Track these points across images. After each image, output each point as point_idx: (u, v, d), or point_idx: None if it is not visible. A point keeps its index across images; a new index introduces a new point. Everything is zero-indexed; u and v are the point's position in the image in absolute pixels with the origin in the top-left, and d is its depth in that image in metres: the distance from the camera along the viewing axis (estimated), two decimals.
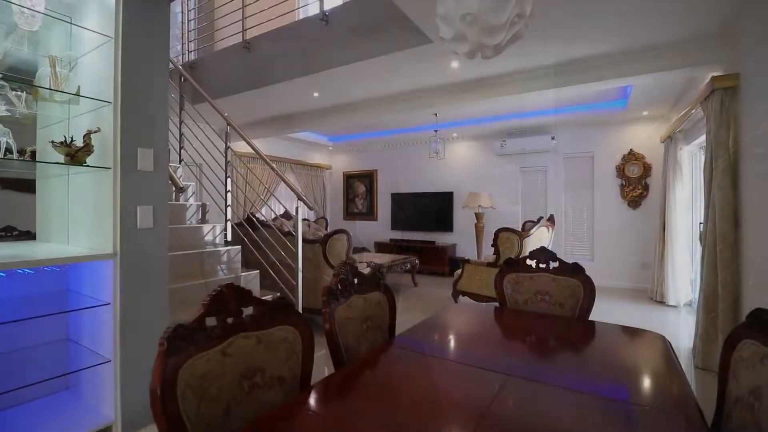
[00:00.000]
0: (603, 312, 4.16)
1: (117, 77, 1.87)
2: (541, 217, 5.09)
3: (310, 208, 3.16)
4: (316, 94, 4.55)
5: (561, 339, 1.56)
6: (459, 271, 4.52)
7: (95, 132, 1.86)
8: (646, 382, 1.19)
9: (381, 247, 7.27)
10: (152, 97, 2.02)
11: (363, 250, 7.33)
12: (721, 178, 2.65)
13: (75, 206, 2.13)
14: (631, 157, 5.54)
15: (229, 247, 3.20)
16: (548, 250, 2.05)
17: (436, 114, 5.23)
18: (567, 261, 1.98)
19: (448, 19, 1.46)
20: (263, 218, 3.95)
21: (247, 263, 3.39)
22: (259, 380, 1.01)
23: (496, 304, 2.10)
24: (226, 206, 3.46)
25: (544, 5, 2.54)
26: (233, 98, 4.58)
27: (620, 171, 5.62)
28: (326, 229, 6.49)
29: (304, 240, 3.22)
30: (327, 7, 3.65)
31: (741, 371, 1.01)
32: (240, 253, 3.24)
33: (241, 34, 4.33)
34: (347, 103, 4.97)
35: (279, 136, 6.49)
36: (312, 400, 1.04)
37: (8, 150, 1.82)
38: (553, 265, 2.00)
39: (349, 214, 8.29)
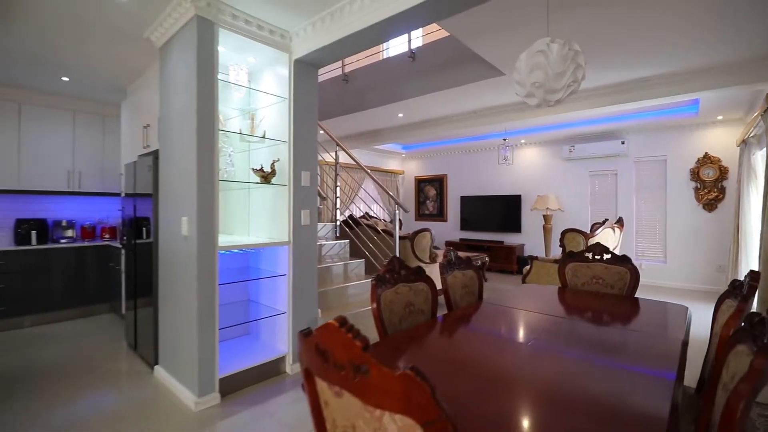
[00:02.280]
0: None
1: (290, 124, 2.83)
2: (606, 219, 5.39)
3: (406, 211, 3.96)
4: (400, 115, 5.38)
5: (607, 306, 2.15)
6: (527, 267, 5.04)
7: (277, 161, 2.83)
8: (656, 323, 1.77)
9: (451, 246, 7.92)
10: (308, 136, 2.95)
11: (435, 248, 8.04)
12: None
13: (255, 209, 3.15)
14: (706, 160, 5.57)
15: (338, 241, 4.14)
16: (602, 245, 2.61)
17: (505, 128, 5.79)
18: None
19: (521, 83, 2.15)
20: (357, 217, 4.87)
21: (352, 253, 4.31)
22: (412, 308, 1.80)
23: None
24: (335, 208, 4.41)
25: (608, 40, 3.06)
26: (331, 120, 5.59)
27: (695, 174, 5.66)
28: (400, 228, 7.32)
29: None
30: (413, 46, 4.45)
31: (719, 318, 1.58)
32: (348, 246, 4.16)
33: (341, 68, 5.31)
34: (426, 120, 5.75)
35: (365, 148, 7.48)
36: (438, 324, 1.81)
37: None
38: (606, 256, 2.57)
39: (421, 215, 9.06)
